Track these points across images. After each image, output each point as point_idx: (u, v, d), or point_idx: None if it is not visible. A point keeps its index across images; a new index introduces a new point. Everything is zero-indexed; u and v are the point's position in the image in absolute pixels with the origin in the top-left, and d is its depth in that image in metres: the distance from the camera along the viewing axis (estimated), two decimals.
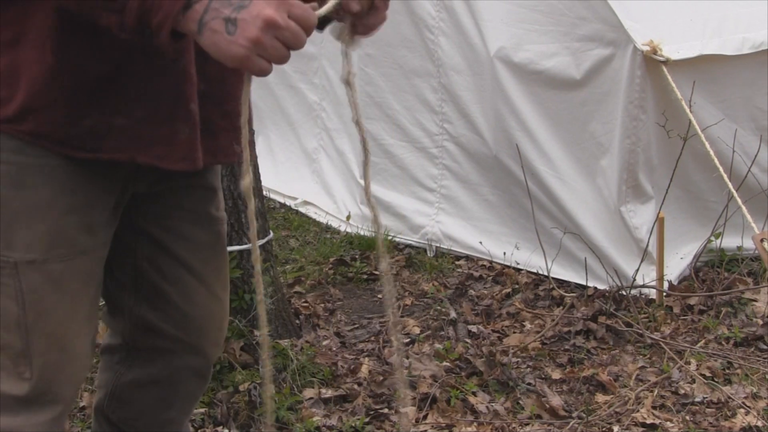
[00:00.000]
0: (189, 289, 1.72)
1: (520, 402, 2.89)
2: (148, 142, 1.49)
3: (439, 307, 3.62)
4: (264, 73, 1.31)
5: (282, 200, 4.87)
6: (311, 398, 2.86)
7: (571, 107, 3.70)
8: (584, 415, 2.80)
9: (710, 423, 2.76)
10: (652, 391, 2.93)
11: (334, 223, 4.56)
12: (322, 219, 4.63)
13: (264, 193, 3.30)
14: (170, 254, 1.68)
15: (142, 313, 1.72)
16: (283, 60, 1.31)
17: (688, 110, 3.42)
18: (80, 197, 1.51)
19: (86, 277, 1.56)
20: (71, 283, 1.53)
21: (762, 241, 2.94)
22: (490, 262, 4.00)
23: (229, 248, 2.22)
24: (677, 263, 3.75)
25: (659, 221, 3.50)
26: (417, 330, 3.43)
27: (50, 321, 1.51)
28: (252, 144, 3.11)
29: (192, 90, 1.51)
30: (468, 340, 3.31)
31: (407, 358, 3.16)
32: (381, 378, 3.02)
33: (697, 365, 3.08)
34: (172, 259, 1.68)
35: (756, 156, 3.70)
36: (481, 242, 4.03)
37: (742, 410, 2.80)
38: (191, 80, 1.51)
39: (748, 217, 3.26)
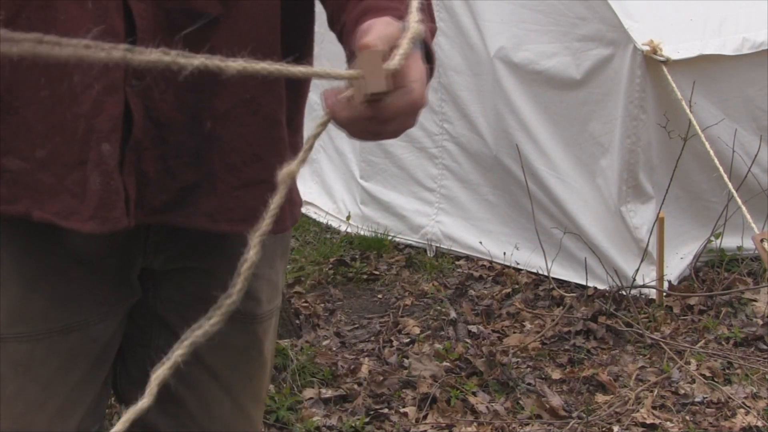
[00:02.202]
0: (209, 398, 1.37)
1: (520, 402, 2.89)
2: (50, 193, 1.13)
3: (439, 307, 3.62)
4: None
5: None
6: (311, 398, 2.86)
7: (571, 107, 3.70)
8: (584, 415, 2.80)
9: (710, 423, 2.76)
10: (652, 391, 2.93)
11: (334, 223, 4.56)
12: (322, 219, 4.63)
13: None
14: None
15: (151, 417, 1.34)
16: None
17: (688, 110, 3.42)
18: (47, 264, 1.22)
19: (67, 361, 1.26)
20: (42, 367, 1.24)
21: (762, 241, 2.94)
22: (490, 262, 4.00)
23: None
24: (677, 263, 3.75)
25: (659, 221, 3.50)
26: (417, 330, 3.43)
27: (5, 414, 1.22)
28: None
29: (106, 125, 1.11)
30: (468, 340, 3.31)
31: (407, 358, 3.17)
32: (381, 378, 3.02)
33: (697, 365, 3.08)
34: (191, 357, 1.30)
35: (756, 156, 3.70)
36: (481, 242, 4.03)
37: (742, 410, 2.79)
38: (107, 112, 1.11)
39: (748, 217, 3.26)
